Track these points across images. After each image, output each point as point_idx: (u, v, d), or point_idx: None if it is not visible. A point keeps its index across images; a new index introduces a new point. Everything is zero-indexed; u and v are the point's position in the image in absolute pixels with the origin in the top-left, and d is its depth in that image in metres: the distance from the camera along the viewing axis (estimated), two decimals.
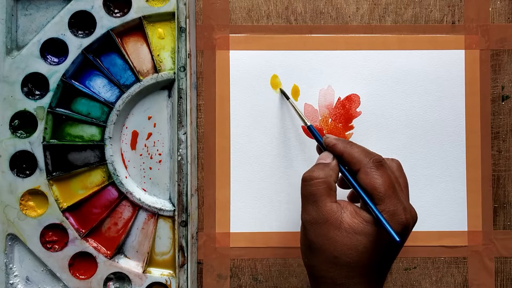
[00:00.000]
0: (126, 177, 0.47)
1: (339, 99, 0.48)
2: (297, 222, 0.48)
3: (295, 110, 0.45)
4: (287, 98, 0.47)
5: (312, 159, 0.48)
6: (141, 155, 0.47)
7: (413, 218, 0.37)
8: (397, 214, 0.35)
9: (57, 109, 0.46)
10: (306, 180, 0.38)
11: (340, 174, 0.39)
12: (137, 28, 0.47)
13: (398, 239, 0.34)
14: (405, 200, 0.37)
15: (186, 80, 0.46)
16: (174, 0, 0.45)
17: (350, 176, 0.38)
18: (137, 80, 0.46)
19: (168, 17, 0.46)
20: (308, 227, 0.37)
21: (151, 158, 0.47)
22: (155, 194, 0.47)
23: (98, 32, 0.46)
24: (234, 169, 0.48)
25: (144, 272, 0.46)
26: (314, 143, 0.48)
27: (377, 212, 0.35)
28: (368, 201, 0.36)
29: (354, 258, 0.35)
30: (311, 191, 0.37)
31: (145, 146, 0.47)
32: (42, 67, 0.46)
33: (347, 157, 0.38)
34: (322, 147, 0.41)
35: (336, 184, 0.38)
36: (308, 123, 0.43)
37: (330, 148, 0.40)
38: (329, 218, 0.36)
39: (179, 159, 0.46)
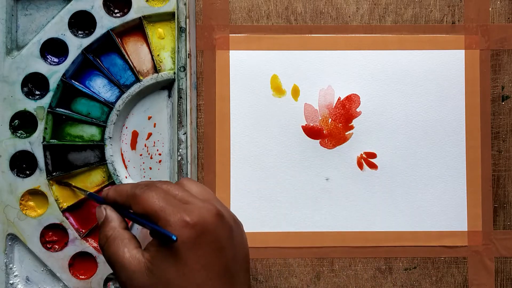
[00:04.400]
0: (126, 177, 0.47)
1: (339, 99, 0.48)
2: (297, 222, 0.48)
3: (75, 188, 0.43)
4: (71, 186, 0.44)
5: (312, 159, 0.48)
6: (141, 155, 0.47)
7: (208, 211, 0.33)
8: (181, 221, 0.32)
9: (57, 109, 0.46)
10: (103, 245, 0.35)
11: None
12: (137, 28, 0.47)
13: (173, 235, 0.31)
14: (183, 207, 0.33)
15: (186, 80, 0.46)
16: (174, 0, 0.45)
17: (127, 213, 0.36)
18: (137, 80, 0.46)
19: (168, 17, 0.46)
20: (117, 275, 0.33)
21: (151, 158, 0.47)
22: None
23: (98, 32, 0.46)
24: (234, 169, 0.48)
25: None
26: (314, 143, 0.48)
27: (148, 223, 0.33)
28: (139, 219, 0.34)
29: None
30: (113, 251, 0.34)
31: (145, 146, 0.47)
32: (42, 67, 0.46)
33: (117, 198, 0.36)
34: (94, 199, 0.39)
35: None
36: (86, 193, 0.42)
37: (106, 199, 0.37)
38: (125, 264, 0.33)
39: (179, 159, 0.46)
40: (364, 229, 0.48)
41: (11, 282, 0.46)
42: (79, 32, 0.47)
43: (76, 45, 0.46)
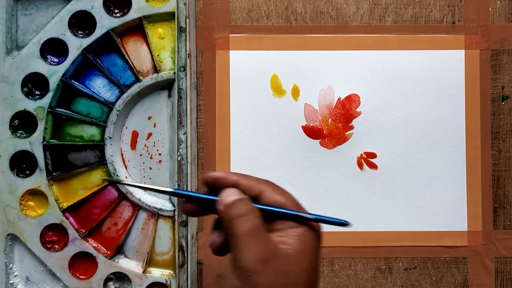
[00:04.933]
0: (126, 177, 0.47)
1: (339, 99, 0.48)
2: None
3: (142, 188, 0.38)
4: (119, 182, 0.39)
5: (312, 159, 0.48)
6: (141, 155, 0.47)
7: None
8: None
9: (57, 109, 0.46)
10: (245, 214, 0.31)
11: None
12: (137, 28, 0.47)
13: (347, 221, 0.32)
14: None
15: (186, 80, 0.46)
16: (174, 0, 0.45)
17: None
18: (137, 80, 0.46)
19: (168, 17, 0.46)
20: (257, 268, 0.29)
21: (151, 158, 0.47)
22: (155, 194, 0.47)
23: (98, 32, 0.46)
24: (234, 169, 0.48)
25: (144, 272, 0.46)
26: (314, 143, 0.48)
27: (314, 215, 0.33)
28: (290, 212, 0.32)
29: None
30: (254, 225, 0.31)
31: (145, 146, 0.47)
32: (42, 67, 0.46)
33: (245, 183, 0.33)
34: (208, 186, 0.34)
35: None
36: (171, 190, 0.34)
37: (221, 181, 0.33)
38: (276, 249, 0.30)
39: (179, 159, 0.46)
40: (364, 229, 0.48)
41: (11, 282, 0.46)
42: (79, 32, 0.47)
43: (76, 45, 0.46)
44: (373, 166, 0.48)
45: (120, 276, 0.46)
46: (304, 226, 0.32)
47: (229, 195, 0.32)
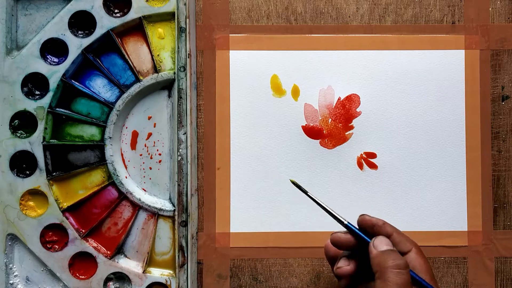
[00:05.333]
0: (126, 177, 0.47)
1: (339, 99, 0.48)
2: (297, 222, 0.48)
3: (322, 206, 0.39)
4: (305, 192, 0.39)
5: (311, 159, 0.48)
6: (141, 155, 0.47)
7: None
8: None
9: (57, 109, 0.46)
10: (403, 268, 0.34)
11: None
12: (137, 28, 0.47)
13: None
14: None
15: (186, 80, 0.46)
16: (174, 0, 0.45)
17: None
18: (137, 80, 0.46)
19: (168, 17, 0.46)
20: None
21: (151, 158, 0.47)
22: (155, 194, 0.47)
23: (98, 32, 0.46)
24: (234, 169, 0.48)
25: (144, 272, 0.46)
26: (314, 143, 0.48)
27: None
28: (427, 284, 0.36)
29: None
30: (408, 280, 0.34)
31: (145, 146, 0.47)
32: (42, 67, 0.46)
33: (397, 237, 0.37)
34: (362, 234, 0.37)
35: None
36: (345, 222, 0.38)
37: (377, 228, 0.37)
38: None
39: (179, 159, 0.46)
40: None
41: (11, 282, 0.46)
42: (79, 32, 0.47)
43: (76, 45, 0.46)
44: (373, 166, 0.48)
45: (120, 276, 0.46)
46: None
47: (383, 242, 0.36)
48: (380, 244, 0.36)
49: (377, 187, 0.48)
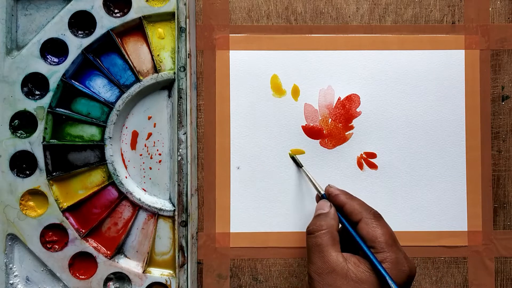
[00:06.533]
0: (126, 177, 0.47)
1: (339, 99, 0.48)
2: (297, 222, 0.48)
3: (309, 178, 0.46)
4: (300, 166, 0.47)
5: (312, 159, 0.48)
6: (141, 155, 0.47)
7: (414, 269, 0.38)
8: (399, 262, 0.37)
9: (57, 109, 0.46)
10: (311, 233, 0.40)
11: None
12: (137, 28, 0.47)
13: (396, 287, 0.35)
14: (403, 251, 0.39)
15: (186, 80, 0.46)
16: (174, 0, 0.45)
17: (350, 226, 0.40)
18: (137, 80, 0.46)
19: (168, 17, 0.46)
20: (315, 277, 0.38)
21: (151, 158, 0.47)
22: (155, 194, 0.47)
23: (98, 32, 0.46)
24: (234, 169, 0.48)
25: (144, 272, 0.46)
26: (314, 143, 0.48)
27: (376, 262, 0.37)
28: (367, 250, 0.38)
29: None
30: (317, 242, 0.39)
31: (145, 146, 0.47)
32: (42, 67, 0.46)
33: (349, 208, 0.40)
34: (321, 196, 0.43)
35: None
36: (322, 192, 0.44)
37: (332, 198, 0.42)
38: (336, 268, 0.37)
39: (179, 159, 0.46)
40: None
41: (11, 282, 0.46)
42: (79, 32, 0.47)
43: (76, 45, 0.46)
44: (373, 166, 0.48)
45: (120, 276, 0.46)
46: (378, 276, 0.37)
47: (319, 207, 0.42)
48: (316, 209, 0.42)
49: (377, 187, 0.48)
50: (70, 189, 0.47)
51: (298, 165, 0.47)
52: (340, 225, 0.41)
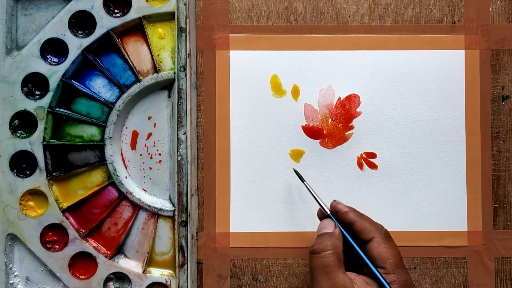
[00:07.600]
0: (126, 177, 0.47)
1: (339, 99, 0.48)
2: (297, 222, 0.48)
3: (311, 193, 0.43)
4: (302, 180, 0.45)
5: (312, 159, 0.48)
6: (141, 155, 0.47)
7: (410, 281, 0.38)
8: (408, 285, 0.37)
9: (57, 109, 0.46)
10: (316, 252, 0.38)
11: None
12: (137, 28, 0.47)
13: None
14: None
15: (186, 80, 0.46)
16: (174, 0, 0.45)
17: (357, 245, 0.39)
18: (137, 80, 0.46)
19: (168, 17, 0.46)
20: None
21: (151, 158, 0.47)
22: (155, 194, 0.47)
23: (98, 32, 0.46)
24: (234, 169, 0.48)
25: (144, 272, 0.46)
26: (314, 143, 0.48)
27: (386, 284, 0.36)
28: (377, 272, 0.37)
29: None
30: (323, 263, 0.38)
31: (145, 146, 0.47)
32: (42, 67, 0.46)
33: (359, 226, 0.39)
34: (326, 215, 0.41)
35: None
36: (327, 211, 0.42)
37: (340, 215, 0.40)
38: (346, 286, 0.36)
39: (179, 159, 0.46)
40: None
41: (11, 282, 0.46)
42: (79, 32, 0.47)
43: (76, 45, 0.46)
44: (373, 166, 0.48)
45: (120, 276, 0.46)
46: None
47: (322, 226, 0.40)
48: (320, 228, 0.40)
49: (377, 187, 0.48)
50: (70, 189, 0.47)
51: (301, 179, 0.45)
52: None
